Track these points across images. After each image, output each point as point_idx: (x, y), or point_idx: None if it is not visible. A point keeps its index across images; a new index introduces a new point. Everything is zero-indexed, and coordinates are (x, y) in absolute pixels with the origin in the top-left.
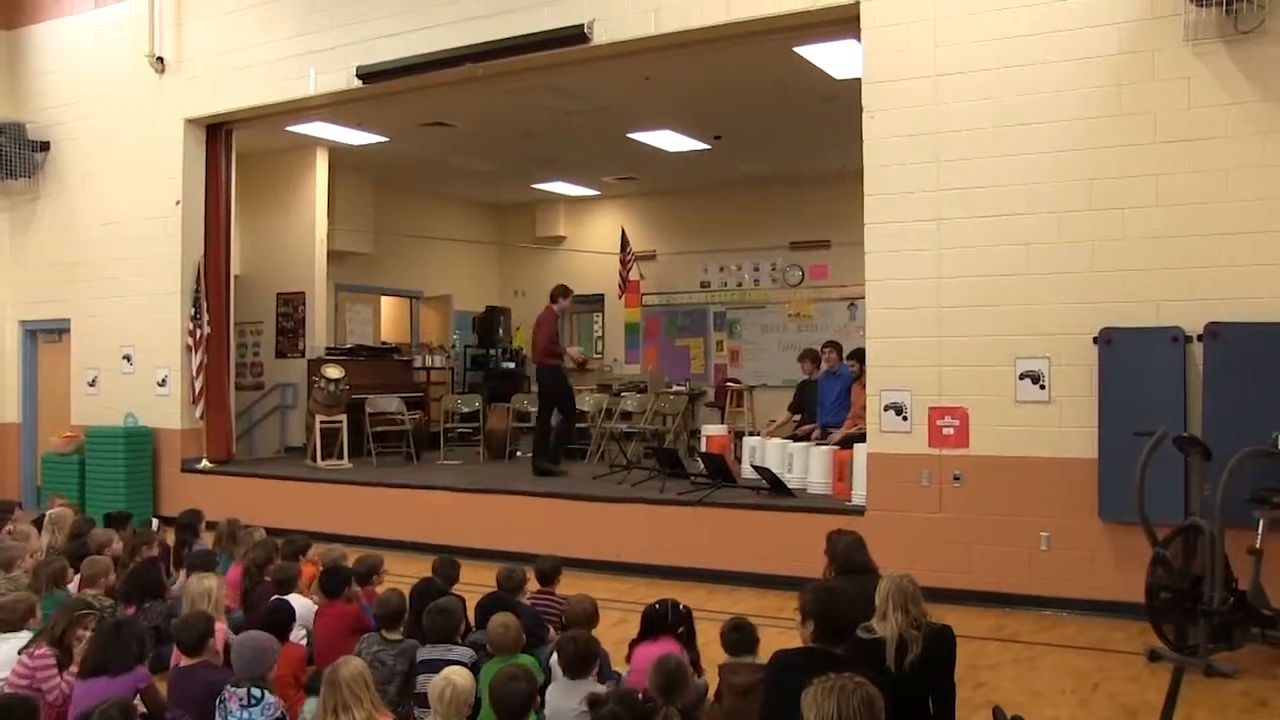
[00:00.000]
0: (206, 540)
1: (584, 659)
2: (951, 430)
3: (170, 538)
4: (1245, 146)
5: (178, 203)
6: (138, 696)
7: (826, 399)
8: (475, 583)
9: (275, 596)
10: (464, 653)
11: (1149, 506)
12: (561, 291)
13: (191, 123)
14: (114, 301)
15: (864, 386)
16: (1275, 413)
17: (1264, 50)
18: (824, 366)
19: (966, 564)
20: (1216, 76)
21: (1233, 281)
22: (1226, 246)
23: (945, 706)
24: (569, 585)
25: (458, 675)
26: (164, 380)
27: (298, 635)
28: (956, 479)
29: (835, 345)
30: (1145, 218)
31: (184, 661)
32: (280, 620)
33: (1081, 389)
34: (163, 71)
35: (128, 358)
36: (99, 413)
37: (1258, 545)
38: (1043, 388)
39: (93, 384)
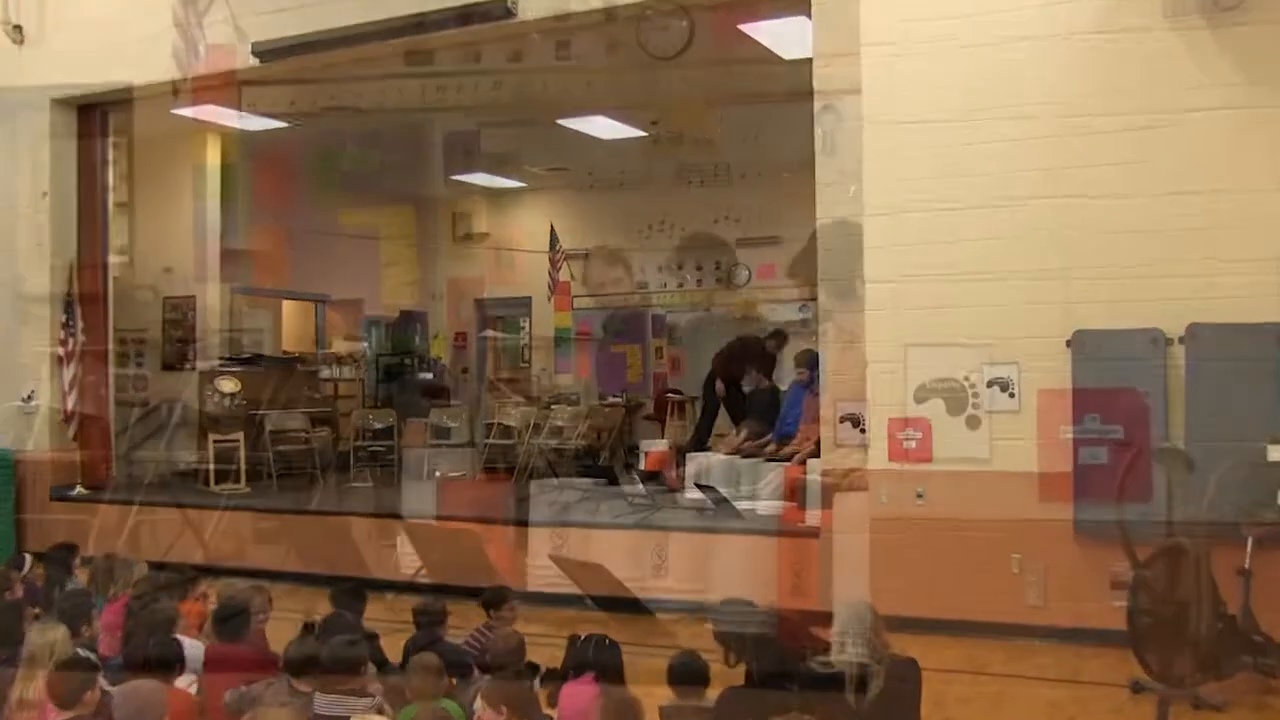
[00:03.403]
0: (81, 578)
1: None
2: (914, 443)
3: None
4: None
5: (45, 194)
6: None
7: (792, 409)
8: (388, 619)
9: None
10: (361, 703)
11: (1129, 523)
12: (779, 341)
13: (60, 103)
14: None
15: (816, 395)
16: (1261, 417)
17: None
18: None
19: (931, 589)
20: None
21: (1215, 281)
22: (1212, 240)
23: None
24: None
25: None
26: (30, 397)
27: (185, 681)
28: (919, 496)
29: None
30: (1118, 210)
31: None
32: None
33: (1054, 396)
34: (22, 42)
35: None
36: None
37: (1247, 566)
38: (1012, 396)
39: None
